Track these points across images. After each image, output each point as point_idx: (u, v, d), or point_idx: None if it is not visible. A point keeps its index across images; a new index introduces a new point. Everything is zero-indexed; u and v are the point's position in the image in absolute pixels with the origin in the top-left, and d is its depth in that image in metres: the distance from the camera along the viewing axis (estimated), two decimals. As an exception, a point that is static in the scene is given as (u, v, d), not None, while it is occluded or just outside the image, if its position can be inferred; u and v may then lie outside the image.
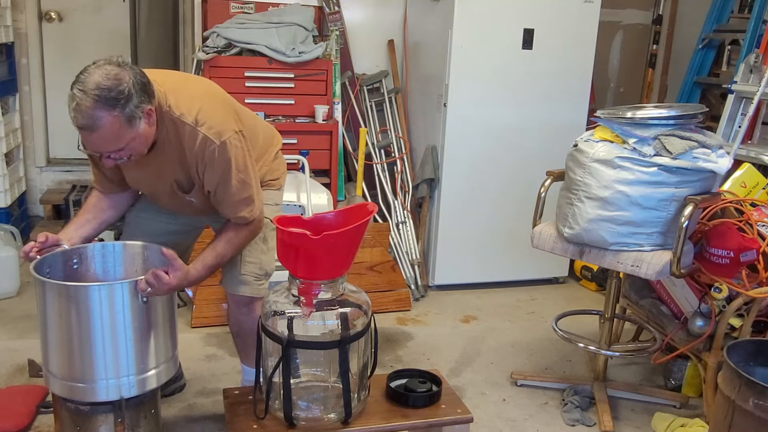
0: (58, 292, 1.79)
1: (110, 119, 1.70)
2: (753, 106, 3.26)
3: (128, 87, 1.71)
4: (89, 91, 1.67)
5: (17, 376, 2.59)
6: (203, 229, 2.42)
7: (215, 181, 1.95)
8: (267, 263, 2.19)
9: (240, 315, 2.22)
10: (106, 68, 1.72)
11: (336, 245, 1.78)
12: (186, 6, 4.18)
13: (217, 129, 1.89)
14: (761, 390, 1.71)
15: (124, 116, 1.72)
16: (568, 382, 2.70)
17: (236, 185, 1.96)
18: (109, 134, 1.72)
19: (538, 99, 3.55)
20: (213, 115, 1.91)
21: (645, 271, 2.25)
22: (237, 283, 2.16)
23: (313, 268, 1.80)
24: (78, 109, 1.68)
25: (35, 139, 4.35)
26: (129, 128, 1.75)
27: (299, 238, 1.76)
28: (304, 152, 3.44)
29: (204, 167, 1.93)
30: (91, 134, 1.72)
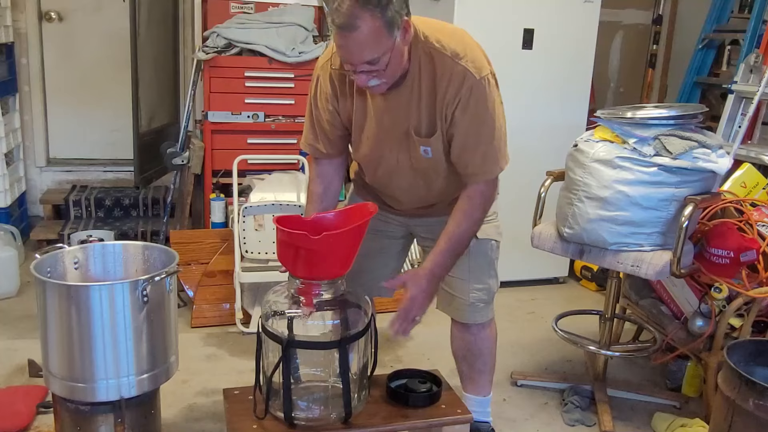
0: (58, 292, 1.80)
1: (370, 19, 1.55)
2: (753, 106, 3.26)
3: None
4: None
5: (17, 376, 2.59)
6: (409, 243, 2.23)
7: (466, 123, 1.75)
8: (494, 287, 2.09)
9: (469, 336, 2.13)
10: None
11: (336, 245, 1.75)
12: (186, 6, 4.19)
13: (478, 64, 1.72)
14: (761, 390, 1.71)
15: (385, 19, 1.56)
16: (568, 382, 2.70)
17: (488, 130, 1.76)
18: (368, 37, 1.57)
19: (538, 99, 3.55)
20: (473, 51, 1.75)
21: (645, 271, 2.25)
22: (468, 313, 2.07)
23: (313, 268, 1.77)
24: (339, 10, 1.54)
25: (35, 139, 4.35)
26: (388, 34, 1.59)
27: (299, 239, 1.72)
28: (304, 152, 3.44)
29: (457, 104, 1.73)
30: (349, 35, 1.56)
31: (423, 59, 1.73)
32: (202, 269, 3.18)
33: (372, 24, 1.55)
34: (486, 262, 2.07)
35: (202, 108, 3.72)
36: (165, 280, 1.89)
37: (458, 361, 2.24)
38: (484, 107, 1.74)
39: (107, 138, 4.54)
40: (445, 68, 1.72)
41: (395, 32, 1.60)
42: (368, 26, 1.55)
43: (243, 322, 3.07)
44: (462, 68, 1.71)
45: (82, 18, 4.37)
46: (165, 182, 4.17)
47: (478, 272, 2.06)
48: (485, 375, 2.20)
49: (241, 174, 3.47)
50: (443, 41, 1.73)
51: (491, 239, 2.06)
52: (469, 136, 1.77)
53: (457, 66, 1.71)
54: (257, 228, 3.08)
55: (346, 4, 1.53)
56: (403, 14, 1.61)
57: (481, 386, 2.22)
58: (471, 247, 1.95)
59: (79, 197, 4.16)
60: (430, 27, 1.77)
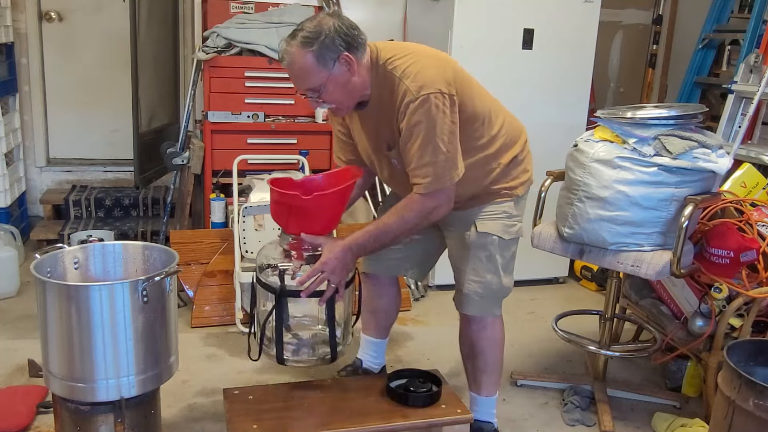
0: (58, 292, 1.79)
1: (301, 55, 1.82)
2: (753, 106, 3.26)
3: (326, 30, 1.82)
4: (294, 32, 1.85)
5: (17, 376, 2.59)
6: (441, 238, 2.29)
7: (406, 138, 1.89)
8: (493, 283, 2.12)
9: (472, 334, 2.19)
10: (316, 17, 1.88)
11: (324, 205, 1.95)
12: (186, 6, 4.19)
13: (421, 83, 1.85)
14: (761, 390, 1.71)
15: (314, 55, 1.82)
16: (568, 382, 2.70)
17: (421, 145, 1.86)
18: (300, 70, 1.85)
19: (538, 99, 3.55)
20: (422, 69, 1.87)
21: (645, 271, 2.25)
22: (462, 302, 2.16)
23: (303, 225, 1.95)
24: (283, 48, 1.86)
25: (35, 139, 4.35)
26: (321, 68, 1.83)
27: (292, 198, 1.92)
28: (304, 152, 3.44)
29: (401, 119, 1.89)
30: (288, 69, 1.87)
31: (381, 81, 1.92)
32: (202, 269, 3.18)
33: (304, 60, 1.83)
34: (485, 255, 2.11)
35: (202, 108, 3.72)
36: (165, 280, 1.89)
37: (463, 359, 2.28)
38: (419, 123, 1.86)
39: (107, 138, 4.54)
40: (394, 86, 1.90)
41: (330, 65, 1.84)
42: (300, 60, 1.83)
43: (243, 322, 3.07)
44: (405, 86, 1.87)
45: (82, 18, 4.37)
46: (165, 182, 4.17)
47: (475, 264, 2.12)
48: (487, 375, 2.21)
49: (241, 174, 3.47)
50: (396, 62, 1.91)
51: (492, 234, 2.10)
52: (410, 151, 1.90)
53: (402, 84, 1.87)
54: (257, 228, 3.08)
55: (287, 43, 1.85)
56: (341, 51, 1.84)
57: (483, 386, 2.22)
58: (469, 238, 2.11)
59: (79, 197, 4.16)
60: (391, 50, 1.95)
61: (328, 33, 1.82)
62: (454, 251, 2.20)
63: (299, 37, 1.82)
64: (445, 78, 1.88)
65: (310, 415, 1.93)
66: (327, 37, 1.82)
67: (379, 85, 1.93)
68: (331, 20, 1.85)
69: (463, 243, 2.14)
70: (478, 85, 2.09)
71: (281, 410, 1.94)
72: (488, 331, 2.17)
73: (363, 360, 2.51)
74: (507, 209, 2.14)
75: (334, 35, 1.83)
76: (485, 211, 2.12)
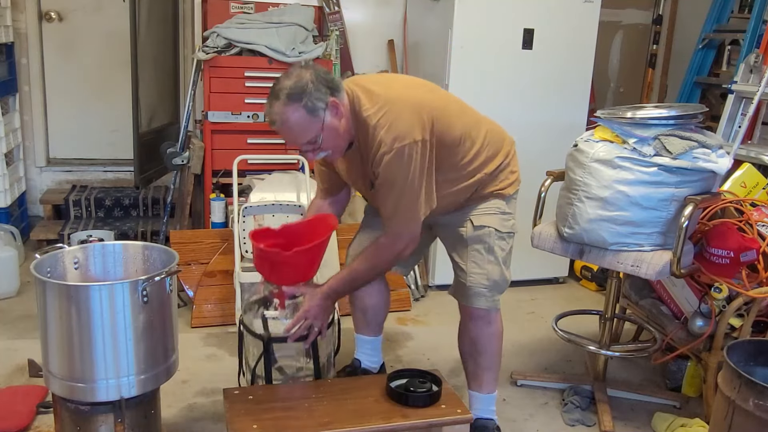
0: (58, 292, 1.80)
1: (292, 111, 1.86)
2: (753, 106, 3.26)
3: (308, 82, 1.86)
4: (276, 93, 1.87)
5: (17, 376, 2.59)
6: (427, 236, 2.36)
7: (379, 182, 1.99)
8: (494, 273, 2.15)
9: (475, 331, 2.19)
10: (291, 72, 1.90)
11: (303, 259, 2.05)
12: (186, 6, 4.19)
13: (394, 135, 1.91)
14: (761, 390, 1.71)
15: (306, 108, 1.86)
16: (568, 382, 2.70)
17: (393, 194, 1.97)
18: (295, 127, 1.88)
19: (538, 99, 3.55)
20: (396, 120, 1.93)
21: (645, 271, 2.25)
22: (467, 295, 2.16)
23: (284, 276, 2.08)
24: (269, 112, 1.89)
25: (35, 139, 4.35)
26: (314, 119, 1.88)
27: (272, 254, 2.03)
28: (304, 152, 3.43)
29: (375, 167, 1.97)
30: (281, 129, 1.90)
31: (359, 127, 1.98)
32: (202, 269, 3.18)
33: (295, 116, 1.86)
34: (484, 248, 2.15)
35: (202, 108, 3.72)
36: (165, 280, 1.89)
37: (464, 359, 2.28)
38: (394, 175, 1.94)
39: (107, 138, 4.54)
40: (369, 136, 1.96)
41: (321, 114, 1.89)
42: (294, 118, 1.86)
43: (243, 322, 3.07)
44: (380, 137, 1.92)
45: (82, 18, 4.37)
46: (165, 182, 4.17)
47: (475, 257, 2.16)
48: (489, 372, 2.22)
49: (241, 174, 3.47)
50: (371, 111, 1.95)
51: (488, 225, 2.15)
52: (383, 197, 2.01)
53: (377, 134, 1.93)
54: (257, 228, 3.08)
55: (274, 106, 1.87)
56: (327, 98, 1.89)
57: (485, 383, 2.23)
58: (466, 233, 2.16)
59: (79, 197, 4.16)
60: (369, 91, 1.99)
61: (311, 84, 1.86)
62: (453, 248, 2.23)
63: (283, 96, 1.85)
64: (420, 124, 1.94)
65: (310, 415, 1.93)
66: (311, 88, 1.86)
67: (359, 131, 1.99)
68: (306, 72, 1.88)
69: (460, 239, 2.17)
70: (456, 107, 2.15)
71: (281, 410, 1.94)
72: (492, 327, 2.19)
73: (361, 360, 2.52)
74: (499, 206, 2.20)
75: (317, 84, 1.87)
76: (478, 208, 2.18)
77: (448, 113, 2.07)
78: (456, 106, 2.15)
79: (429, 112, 1.98)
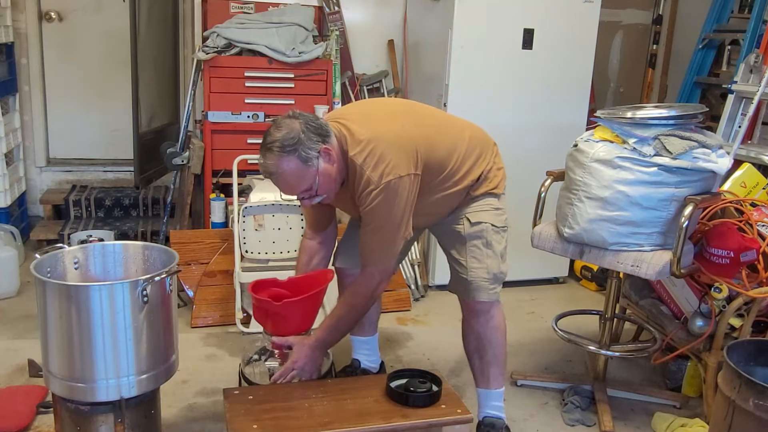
0: (58, 292, 1.80)
1: (287, 163, 1.89)
2: (753, 106, 3.26)
3: (298, 133, 1.89)
4: (268, 145, 1.90)
5: (17, 376, 2.59)
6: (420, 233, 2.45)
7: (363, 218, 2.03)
8: (494, 267, 2.19)
9: (479, 326, 2.21)
10: (281, 123, 1.93)
11: (295, 309, 2.12)
12: (186, 6, 4.19)
13: (380, 172, 1.95)
14: (761, 390, 1.71)
15: (300, 158, 1.89)
16: (568, 382, 2.70)
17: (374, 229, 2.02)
18: (291, 177, 1.92)
19: (538, 99, 3.55)
20: (382, 156, 1.96)
21: (645, 271, 2.25)
22: (469, 290, 2.19)
23: (279, 326, 2.14)
24: (264, 163, 1.92)
25: (35, 139, 4.35)
26: (307, 168, 1.91)
27: (265, 303, 2.10)
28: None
29: (360, 204, 2.01)
30: (278, 180, 1.93)
31: (348, 166, 2.01)
32: (202, 269, 3.18)
33: (292, 167, 1.90)
34: (482, 243, 2.19)
35: (202, 108, 3.72)
36: (165, 280, 1.89)
37: (470, 356, 2.29)
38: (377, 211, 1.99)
39: (107, 138, 4.54)
40: (356, 175, 1.99)
41: (316, 162, 1.92)
42: (289, 169, 1.90)
43: (243, 322, 3.07)
44: (366, 175, 1.96)
45: (82, 18, 4.37)
46: (165, 182, 4.17)
47: (474, 252, 2.19)
48: (495, 366, 2.23)
49: (241, 174, 3.47)
50: (356, 150, 1.98)
51: (484, 221, 2.19)
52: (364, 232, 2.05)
53: (364, 173, 1.97)
54: (257, 228, 3.09)
55: (268, 157, 1.90)
56: (319, 146, 1.92)
57: (492, 379, 2.24)
58: (464, 230, 2.19)
59: (79, 197, 4.16)
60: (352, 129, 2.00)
61: (302, 134, 1.89)
62: (450, 245, 2.25)
63: (275, 149, 1.88)
64: (406, 159, 1.99)
65: (310, 416, 1.93)
66: (303, 138, 1.89)
67: (348, 169, 2.02)
68: (296, 122, 1.91)
69: (458, 236, 2.20)
70: (436, 126, 2.17)
71: (281, 410, 1.94)
72: (495, 320, 2.21)
73: (360, 360, 2.53)
74: (491, 203, 2.23)
75: (308, 133, 1.90)
76: (472, 206, 2.21)
77: (431, 139, 2.10)
78: (436, 126, 2.17)
79: (413, 145, 2.02)
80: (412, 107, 2.25)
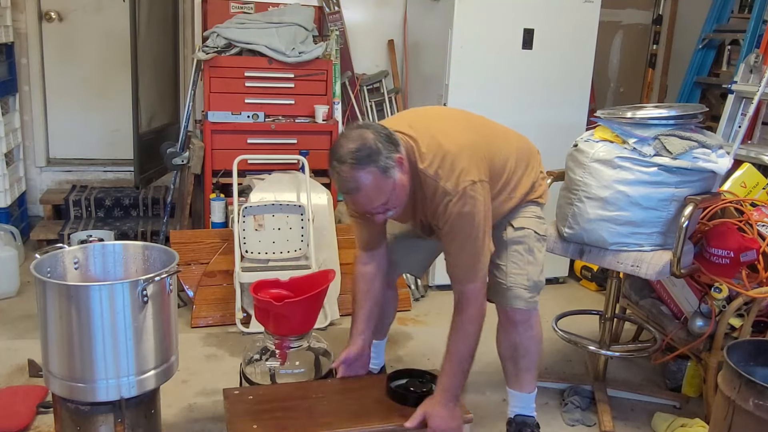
0: (58, 292, 1.79)
1: (367, 175, 1.78)
2: (753, 106, 3.26)
3: (374, 142, 1.79)
4: (344, 158, 1.78)
5: (17, 376, 2.59)
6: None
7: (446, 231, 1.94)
8: (534, 274, 2.13)
9: (516, 335, 2.14)
10: (350, 135, 1.83)
11: (295, 310, 2.14)
12: (186, 6, 4.19)
13: (456, 179, 1.88)
14: (761, 390, 1.71)
15: (380, 169, 1.79)
16: (568, 382, 2.70)
17: (461, 240, 1.93)
18: (372, 190, 1.81)
19: (538, 99, 3.55)
20: (454, 165, 1.89)
21: (645, 271, 2.25)
22: (507, 296, 2.12)
23: (281, 326, 2.18)
24: (341, 178, 1.81)
25: (35, 139, 4.35)
26: (387, 179, 1.81)
27: (265, 304, 2.13)
28: (304, 152, 3.44)
29: (440, 217, 1.93)
30: (357, 195, 1.82)
31: (415, 178, 1.93)
32: (202, 269, 3.18)
33: (372, 179, 1.79)
34: (524, 249, 2.13)
35: (202, 108, 3.72)
36: (165, 280, 1.89)
37: (504, 360, 2.24)
38: (460, 221, 1.91)
39: (107, 138, 4.54)
40: (427, 187, 1.92)
41: (392, 173, 1.82)
42: (369, 182, 1.79)
43: (243, 322, 3.07)
44: (441, 187, 1.89)
45: (82, 18, 4.37)
46: (165, 182, 4.17)
47: (515, 258, 2.13)
48: (530, 373, 2.20)
49: (241, 174, 3.47)
50: (426, 160, 1.90)
51: (527, 227, 2.14)
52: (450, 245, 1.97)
53: (438, 185, 1.90)
54: (257, 228, 3.09)
55: (345, 171, 1.79)
56: (394, 154, 1.82)
57: (526, 383, 2.21)
58: (506, 236, 2.14)
59: (79, 197, 4.16)
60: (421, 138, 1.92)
61: (378, 143, 1.79)
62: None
63: (352, 160, 1.77)
64: (476, 166, 1.92)
65: (311, 416, 1.93)
66: (379, 147, 1.79)
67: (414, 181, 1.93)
68: (367, 131, 1.82)
69: (500, 240, 2.14)
70: (490, 134, 2.11)
71: (281, 410, 1.94)
72: (533, 330, 2.16)
73: None
74: (534, 211, 2.19)
75: (383, 142, 1.81)
76: (516, 213, 2.17)
77: (490, 148, 2.04)
78: (489, 135, 2.10)
79: (480, 153, 1.96)
80: (464, 116, 2.16)
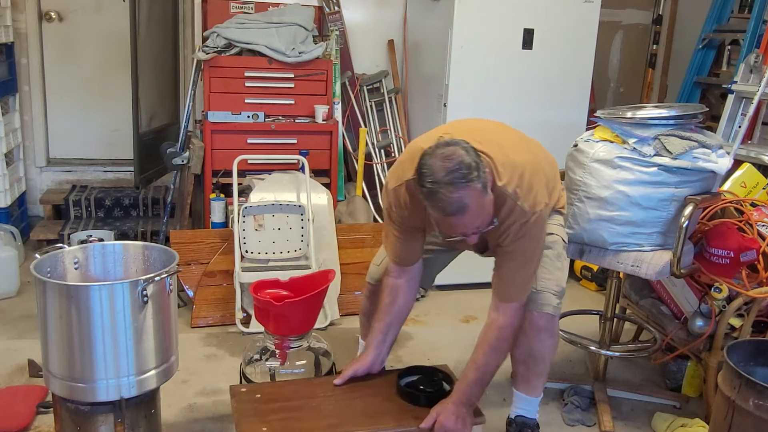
0: (58, 292, 1.79)
1: (473, 193, 1.70)
2: (753, 106, 3.26)
3: (468, 157, 1.71)
4: (442, 179, 1.68)
5: (17, 376, 2.59)
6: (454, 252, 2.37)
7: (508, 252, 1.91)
8: (562, 280, 2.11)
9: (537, 342, 2.08)
10: (439, 153, 1.72)
11: (296, 309, 2.15)
12: (186, 6, 4.19)
13: (532, 202, 1.86)
14: (761, 390, 1.71)
15: (482, 184, 1.72)
16: (568, 382, 2.70)
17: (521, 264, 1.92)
18: (477, 208, 1.73)
19: (538, 99, 3.55)
20: (530, 185, 1.88)
21: (645, 271, 2.25)
22: (536, 300, 2.05)
23: (280, 326, 2.19)
24: (443, 200, 1.69)
25: (35, 139, 4.35)
26: (486, 196, 1.75)
27: (265, 304, 2.14)
28: (304, 152, 3.44)
29: (506, 238, 1.89)
30: (463, 216, 1.72)
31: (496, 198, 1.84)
32: (202, 269, 3.18)
33: (476, 196, 1.71)
34: (553, 254, 2.11)
35: (202, 108, 3.72)
36: (165, 280, 1.89)
37: (516, 362, 2.19)
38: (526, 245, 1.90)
39: (107, 138, 4.54)
40: (503, 205, 1.85)
41: (489, 187, 1.76)
42: (474, 200, 1.71)
43: (243, 322, 3.07)
44: (519, 207, 1.85)
45: (82, 18, 4.37)
46: (165, 182, 4.17)
47: (545, 263, 2.08)
48: (541, 378, 2.18)
49: (241, 174, 3.47)
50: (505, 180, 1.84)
51: (556, 234, 2.13)
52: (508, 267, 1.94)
53: (516, 205, 1.85)
54: (257, 228, 3.08)
55: (447, 192, 1.67)
56: (486, 170, 1.75)
57: (534, 387, 2.19)
58: None
59: (79, 197, 4.16)
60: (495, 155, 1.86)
61: (474, 159, 1.72)
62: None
63: (451, 178, 1.67)
64: (545, 187, 1.93)
65: (320, 416, 1.90)
66: (477, 163, 1.72)
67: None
68: (458, 147, 1.73)
69: None
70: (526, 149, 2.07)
71: (289, 410, 1.92)
72: (554, 339, 2.13)
73: None
74: (559, 220, 2.20)
75: (476, 158, 1.73)
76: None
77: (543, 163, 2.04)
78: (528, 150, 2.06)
79: (540, 171, 1.95)
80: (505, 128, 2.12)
